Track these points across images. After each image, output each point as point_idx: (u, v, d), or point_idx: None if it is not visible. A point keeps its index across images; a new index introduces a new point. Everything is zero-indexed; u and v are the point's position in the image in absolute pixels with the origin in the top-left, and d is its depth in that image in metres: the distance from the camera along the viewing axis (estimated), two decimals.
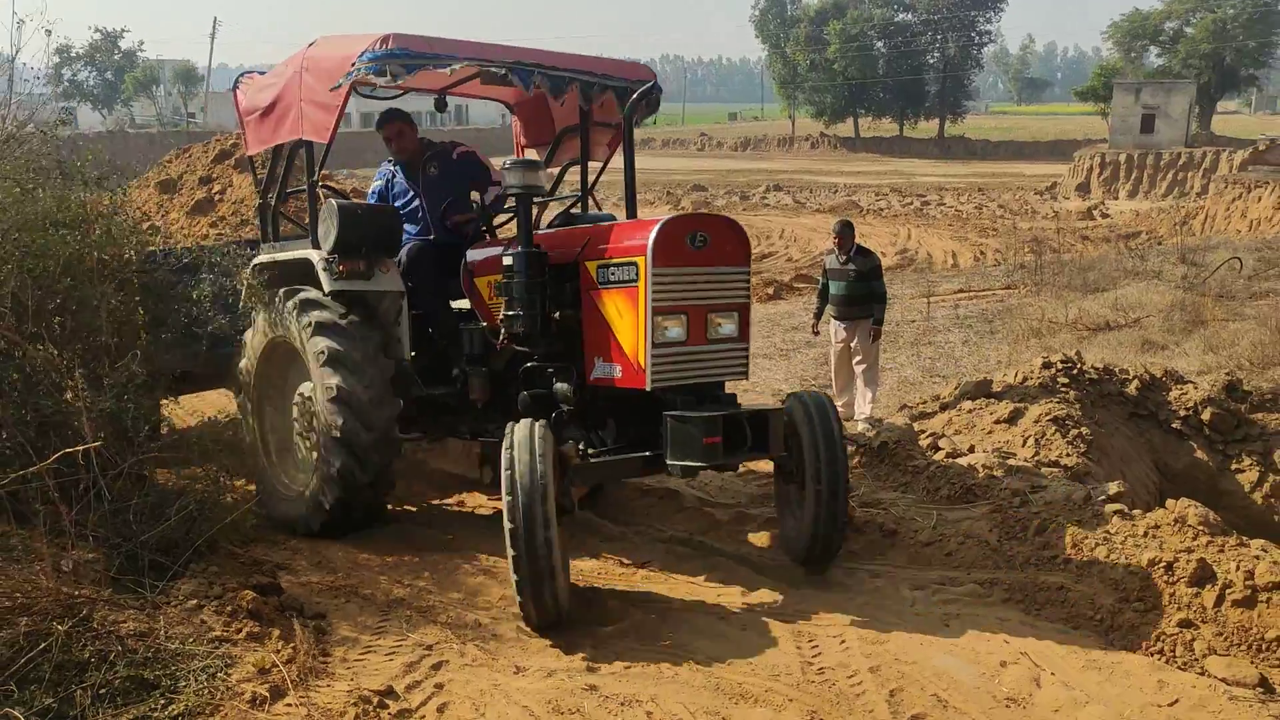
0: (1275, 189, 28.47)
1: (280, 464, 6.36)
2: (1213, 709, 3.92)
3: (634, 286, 4.92)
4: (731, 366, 5.18)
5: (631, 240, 5.00)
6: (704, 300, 5.02)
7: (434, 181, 6.49)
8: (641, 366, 4.90)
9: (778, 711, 3.90)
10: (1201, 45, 65.97)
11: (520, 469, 4.41)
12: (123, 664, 3.81)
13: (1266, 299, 13.43)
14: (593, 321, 5.21)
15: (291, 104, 5.99)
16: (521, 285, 5.30)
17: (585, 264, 5.23)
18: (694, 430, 4.71)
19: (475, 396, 5.88)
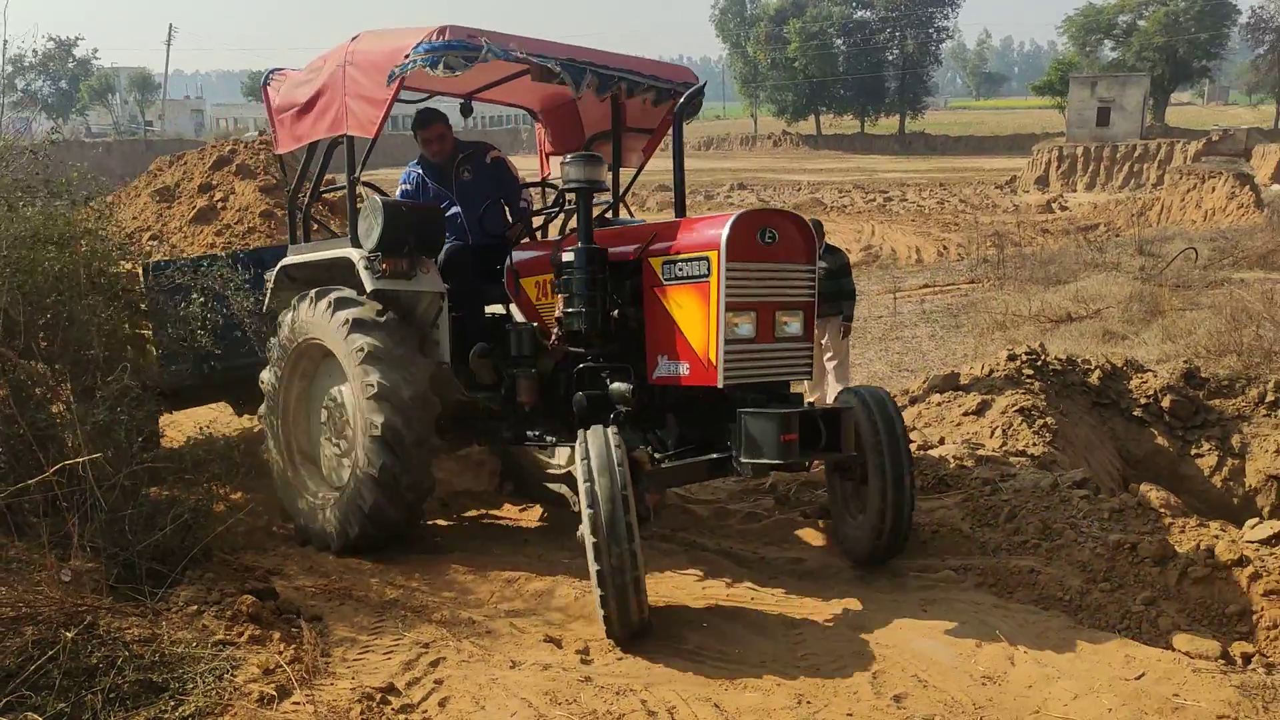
0: (1228, 179, 29.09)
1: (306, 476, 6.23)
2: (1177, 681, 4.13)
3: (705, 282, 4.85)
4: (797, 366, 5.13)
5: (703, 235, 4.93)
6: (772, 298, 4.95)
7: (468, 186, 6.42)
8: (713, 363, 4.82)
9: (767, 695, 4.07)
10: (1154, 38, 67.13)
11: (600, 480, 4.33)
12: (130, 668, 3.91)
13: (1221, 288, 13.79)
14: (656, 319, 5.14)
15: (334, 99, 5.85)
16: (582, 282, 5.23)
17: (649, 260, 5.16)
18: (770, 427, 4.62)
19: (524, 399, 5.75)
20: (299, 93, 6.21)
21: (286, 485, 6.23)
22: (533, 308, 5.92)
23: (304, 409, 6.29)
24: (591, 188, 5.30)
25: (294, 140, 6.35)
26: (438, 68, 5.15)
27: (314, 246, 6.39)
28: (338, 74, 5.77)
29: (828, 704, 4.00)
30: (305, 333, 5.98)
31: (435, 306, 5.81)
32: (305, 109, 6.15)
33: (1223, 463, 8.64)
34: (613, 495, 4.30)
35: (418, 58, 5.17)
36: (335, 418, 6.00)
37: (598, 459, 4.39)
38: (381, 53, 5.48)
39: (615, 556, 4.28)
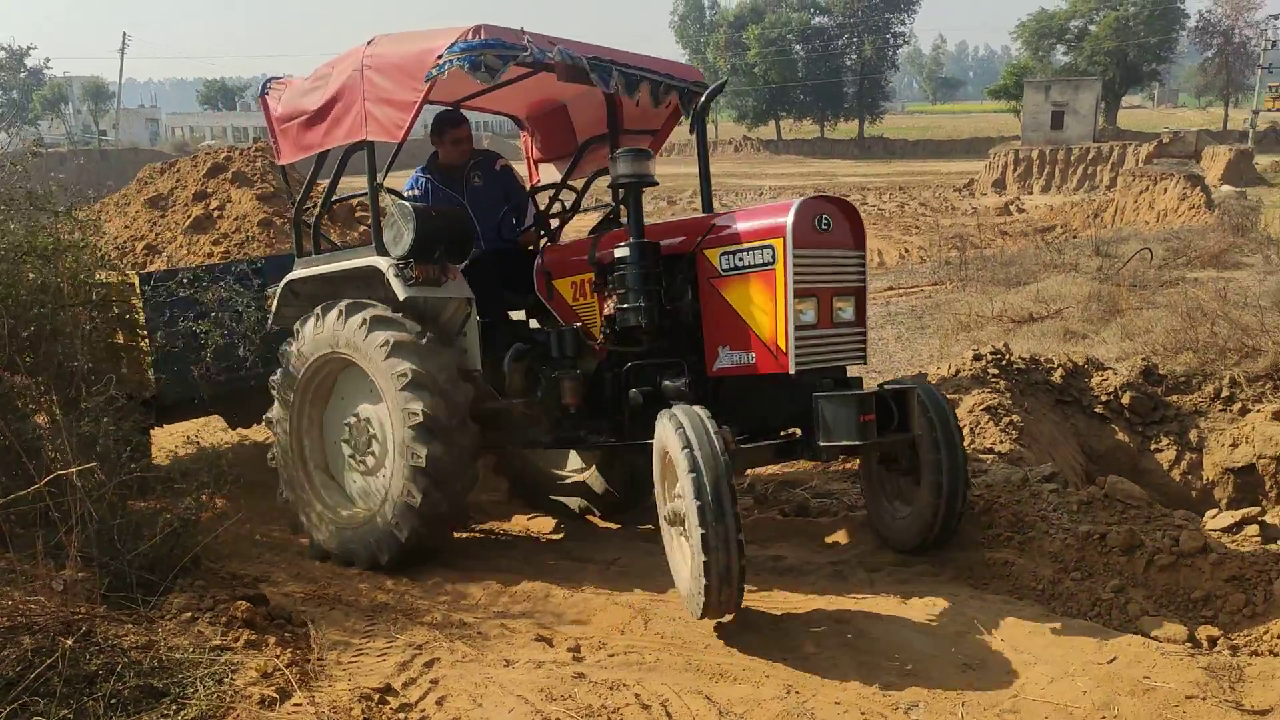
0: (1180, 181, 29.73)
1: (325, 493, 6.12)
2: (1147, 664, 4.30)
3: (770, 270, 4.88)
4: (852, 351, 5.18)
5: (766, 223, 4.96)
6: (830, 283, 5.00)
7: (479, 191, 6.36)
8: (783, 350, 4.85)
9: (757, 687, 4.19)
10: (1105, 43, 68.41)
11: (700, 446, 4.29)
12: (130, 674, 3.96)
13: (1176, 287, 14.12)
14: (716, 310, 5.15)
15: (351, 105, 5.66)
16: (638, 276, 5.22)
17: (704, 253, 5.18)
18: (848, 410, 4.68)
19: (568, 400, 5.66)
20: (307, 100, 6.02)
21: (306, 504, 6.10)
22: (569, 309, 5.88)
23: (318, 425, 6.19)
24: (641, 182, 5.30)
25: (301, 150, 6.17)
26: (477, 69, 5.03)
27: (326, 258, 6.21)
28: (354, 79, 5.60)
29: (815, 693, 4.13)
30: (325, 348, 5.84)
31: (462, 313, 5.74)
32: (316, 117, 5.95)
33: (1181, 457, 8.88)
34: (715, 459, 4.25)
35: (453, 58, 5.03)
36: (358, 434, 5.91)
37: (695, 431, 4.34)
38: (407, 55, 5.35)
39: (721, 521, 4.22)
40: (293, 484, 6.16)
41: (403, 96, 5.35)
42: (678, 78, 6.01)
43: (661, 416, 4.58)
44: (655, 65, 5.91)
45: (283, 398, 6.13)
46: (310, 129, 6.02)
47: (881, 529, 5.72)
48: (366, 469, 5.93)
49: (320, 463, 6.20)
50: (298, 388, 6.05)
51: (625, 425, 5.61)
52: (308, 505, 6.09)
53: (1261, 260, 17.33)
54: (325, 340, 5.81)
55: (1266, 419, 8.50)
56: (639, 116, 6.54)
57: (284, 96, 6.29)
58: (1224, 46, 70.59)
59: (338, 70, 5.79)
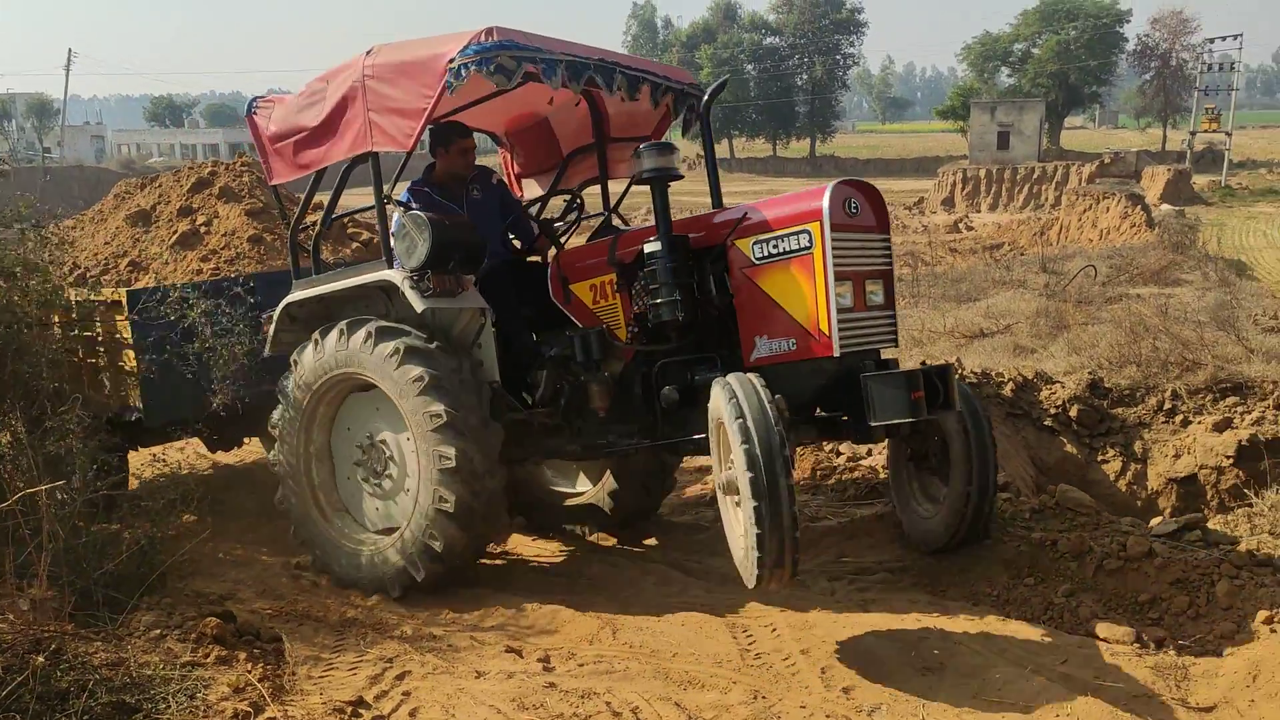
0: (1121, 200, 30.52)
1: (338, 520, 5.97)
2: (1097, 665, 4.48)
3: (808, 255, 4.87)
4: (885, 334, 5.19)
5: (800, 208, 4.95)
6: (861, 267, 5.01)
7: (479, 204, 6.24)
8: (825, 334, 4.84)
9: (724, 693, 4.29)
10: (1048, 65, 69.96)
11: (754, 416, 4.19)
12: (102, 691, 3.95)
13: (1119, 303, 14.50)
14: (752, 300, 5.12)
15: (354, 118, 5.51)
16: (669, 270, 5.18)
17: (736, 244, 5.15)
18: (899, 388, 4.69)
19: (597, 405, 5.56)
20: (302, 117, 5.83)
21: (315, 532, 5.96)
22: (589, 312, 5.78)
23: (326, 450, 6.03)
24: (666, 176, 5.27)
25: (299, 169, 5.96)
26: (494, 71, 4.96)
27: (328, 277, 5.99)
28: (355, 91, 5.46)
29: (781, 698, 4.24)
30: (330, 370, 5.69)
31: (477, 323, 5.63)
32: (315, 133, 5.77)
33: (1126, 468, 9.13)
34: (769, 431, 4.16)
35: (468, 61, 4.94)
36: (372, 457, 5.80)
37: (747, 398, 4.26)
38: (415, 61, 5.25)
39: (774, 491, 4.11)
40: (305, 522, 5.99)
41: (412, 104, 5.23)
42: (674, 79, 6.05)
43: (716, 384, 4.48)
44: (650, 67, 5.91)
45: (285, 432, 5.95)
46: (308, 146, 5.85)
47: (911, 530, 5.75)
48: (384, 492, 5.81)
49: (331, 494, 6.04)
50: (303, 416, 5.88)
51: (658, 425, 5.52)
52: (328, 540, 5.91)
53: (1200, 277, 17.87)
54: (335, 362, 5.66)
55: (1206, 430, 8.76)
56: (626, 124, 6.51)
57: (274, 115, 6.10)
58: (1162, 70, 72.41)
59: (334, 84, 5.66)
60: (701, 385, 5.19)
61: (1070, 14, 70.74)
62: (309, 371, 5.79)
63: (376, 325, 5.50)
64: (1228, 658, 4.50)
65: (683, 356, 5.41)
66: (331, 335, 5.67)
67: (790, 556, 4.20)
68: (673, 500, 7.14)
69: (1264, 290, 17.69)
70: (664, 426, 5.51)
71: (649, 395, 5.51)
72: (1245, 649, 4.52)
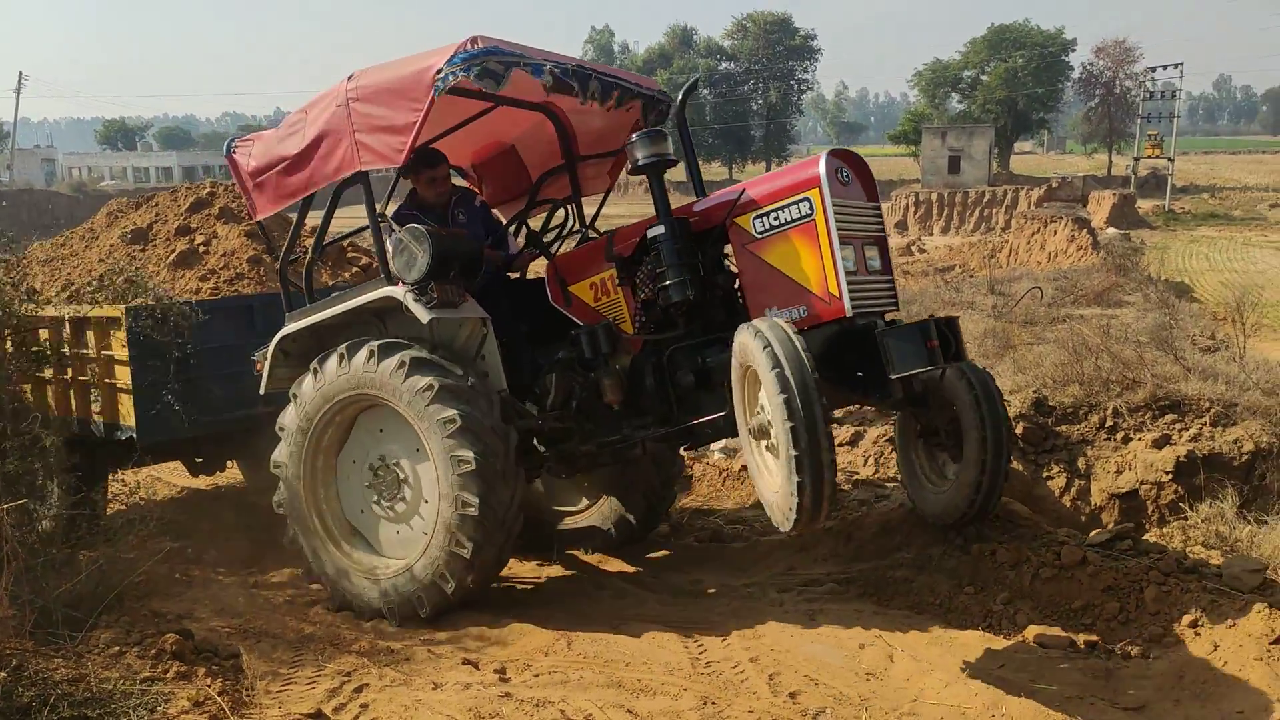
0: (1068, 223, 31.21)
1: (351, 549, 5.88)
2: (1033, 669, 4.68)
3: (810, 222, 4.99)
4: (887, 298, 5.32)
5: (798, 177, 5.09)
6: (859, 232, 5.14)
7: (464, 228, 6.26)
8: (836, 296, 4.93)
9: (675, 700, 4.42)
10: (997, 92, 71.36)
11: (789, 363, 4.12)
12: (65, 705, 4.01)
13: (1064, 324, 14.84)
14: (758, 274, 5.23)
15: (339, 141, 5.57)
16: (674, 251, 5.30)
17: (735, 222, 5.27)
18: (915, 338, 4.81)
19: (610, 399, 5.64)
20: (283, 147, 5.90)
21: (329, 564, 5.84)
22: (590, 310, 5.85)
23: (334, 478, 5.98)
24: (662, 161, 5.43)
25: (284, 199, 6.00)
26: (483, 76, 5.05)
27: (323, 304, 5.99)
28: (339, 115, 5.55)
29: (730, 704, 4.38)
30: (345, 391, 5.66)
31: (479, 334, 5.66)
32: (299, 161, 5.81)
33: (1071, 483, 9.36)
34: (805, 378, 4.10)
35: (456, 69, 5.03)
36: (386, 480, 5.75)
37: (782, 345, 4.19)
38: (399, 78, 5.34)
39: (813, 438, 4.06)
40: (317, 557, 5.89)
41: (399, 120, 5.30)
42: (644, 86, 6.25)
43: (745, 330, 4.44)
44: (621, 75, 6.06)
45: (290, 466, 5.89)
46: (292, 174, 5.88)
47: (924, 507, 5.88)
48: (398, 515, 5.77)
49: (341, 521, 5.98)
50: (308, 447, 5.83)
51: (673, 411, 5.60)
52: (337, 570, 5.82)
53: (1141, 298, 18.33)
54: (339, 387, 5.65)
55: (1146, 447, 9.02)
56: (594, 140, 6.64)
57: (254, 150, 6.13)
58: (1106, 97, 74.03)
59: (315, 112, 5.74)
60: (714, 366, 5.34)
61: (1017, 42, 72.35)
62: (311, 400, 5.77)
63: (378, 343, 5.54)
64: (1155, 660, 4.71)
65: (692, 340, 5.51)
66: (331, 361, 5.69)
67: (828, 503, 4.19)
68: None
69: (1203, 311, 18.23)
70: (679, 412, 5.60)
71: (661, 383, 5.60)
72: (1172, 652, 4.74)
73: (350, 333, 5.84)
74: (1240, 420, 8.82)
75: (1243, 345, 12.39)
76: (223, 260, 8.11)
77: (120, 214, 9.04)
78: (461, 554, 5.30)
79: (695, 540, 6.75)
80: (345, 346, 5.65)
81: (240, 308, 7.16)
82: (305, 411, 5.79)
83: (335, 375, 5.65)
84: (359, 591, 5.70)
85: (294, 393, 5.89)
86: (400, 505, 5.73)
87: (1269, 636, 4.47)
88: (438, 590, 5.41)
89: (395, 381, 5.42)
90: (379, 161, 5.48)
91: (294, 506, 5.92)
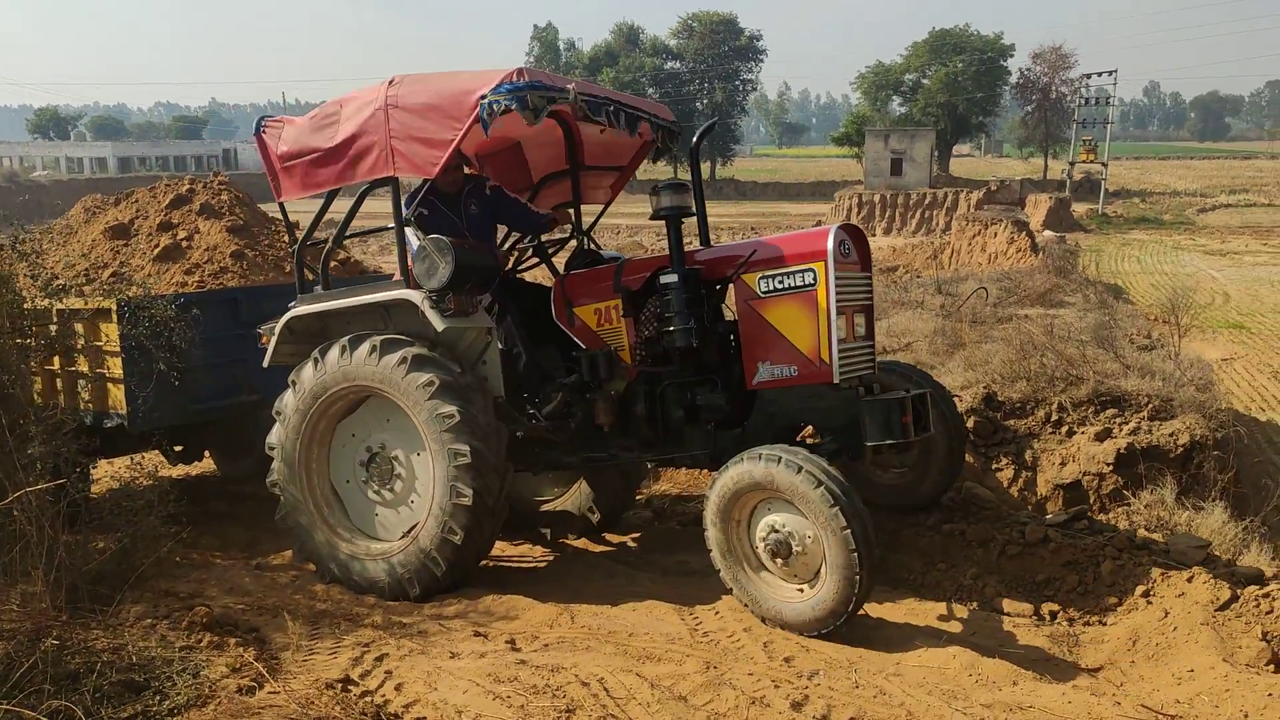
0: (1008, 226, 32.13)
1: (345, 530, 6.20)
2: (1001, 635, 5.14)
3: (811, 291, 5.39)
4: (868, 361, 5.74)
5: (806, 248, 5.47)
6: (852, 302, 5.58)
7: (476, 219, 6.47)
8: (826, 362, 5.37)
9: (679, 665, 4.78)
10: (937, 96, 72.71)
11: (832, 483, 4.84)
12: (111, 671, 4.27)
13: (1010, 323, 15.46)
14: (756, 329, 5.62)
15: (375, 144, 5.77)
16: (683, 301, 5.65)
17: (743, 278, 5.65)
18: (893, 413, 5.26)
19: (602, 420, 5.99)
20: (316, 139, 6.08)
21: (320, 543, 6.16)
22: (592, 334, 6.15)
23: (329, 463, 6.27)
24: (681, 213, 5.76)
25: (310, 187, 6.20)
26: (524, 107, 5.31)
27: (338, 293, 6.26)
28: (376, 118, 5.74)
29: (731, 668, 4.75)
30: (343, 381, 5.94)
31: (482, 341, 5.94)
32: (330, 155, 6.00)
33: (1018, 475, 9.87)
34: (851, 498, 4.85)
35: (501, 99, 5.30)
36: (381, 467, 6.08)
37: (823, 472, 4.87)
38: (443, 95, 5.57)
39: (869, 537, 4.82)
40: (309, 534, 6.20)
41: (439, 135, 5.54)
42: (661, 117, 6.55)
43: (750, 458, 5.06)
44: (642, 105, 6.35)
45: (286, 449, 6.16)
46: (323, 166, 6.07)
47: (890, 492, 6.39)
48: (391, 498, 6.08)
49: (331, 502, 6.27)
50: (305, 431, 6.11)
51: (659, 440, 6.03)
52: (333, 546, 6.11)
53: (1081, 299, 19.08)
54: (339, 377, 5.92)
55: (1089, 440, 9.55)
56: (601, 154, 6.93)
57: (284, 135, 6.30)
58: (1042, 102, 75.82)
59: (350, 109, 5.93)
60: (703, 405, 5.86)
61: (957, 47, 73.87)
62: (311, 388, 6.04)
63: (381, 338, 5.82)
64: (1112, 626, 5.20)
65: (684, 378, 5.92)
66: (333, 352, 5.96)
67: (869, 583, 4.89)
68: None
69: (1138, 312, 19.05)
70: (664, 442, 6.05)
71: (652, 413, 6.01)
72: (1127, 619, 5.23)
73: (353, 322, 6.11)
74: (1177, 414, 9.41)
75: (1178, 344, 13.08)
76: (206, 255, 8.31)
77: (98, 210, 9.19)
78: (454, 540, 5.64)
79: (678, 524, 7.13)
80: (348, 340, 5.92)
81: (226, 300, 7.40)
82: (306, 397, 6.06)
83: (337, 366, 5.93)
84: (351, 570, 6.02)
85: (293, 379, 6.16)
86: (390, 491, 6.05)
87: (1214, 604, 4.97)
88: (429, 573, 5.76)
89: (396, 376, 5.71)
90: (412, 171, 5.75)
91: (287, 484, 6.19)
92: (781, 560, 5.10)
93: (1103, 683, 4.68)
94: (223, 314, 7.25)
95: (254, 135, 6.54)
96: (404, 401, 5.73)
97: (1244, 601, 4.97)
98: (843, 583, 4.83)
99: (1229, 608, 4.95)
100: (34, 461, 5.33)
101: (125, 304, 6.65)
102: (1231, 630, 4.81)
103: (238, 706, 4.15)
